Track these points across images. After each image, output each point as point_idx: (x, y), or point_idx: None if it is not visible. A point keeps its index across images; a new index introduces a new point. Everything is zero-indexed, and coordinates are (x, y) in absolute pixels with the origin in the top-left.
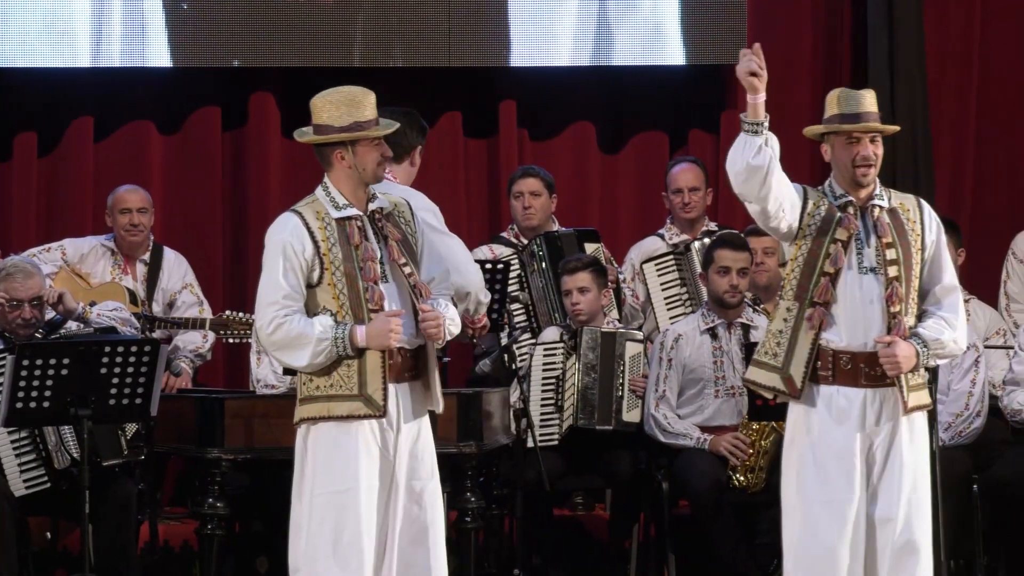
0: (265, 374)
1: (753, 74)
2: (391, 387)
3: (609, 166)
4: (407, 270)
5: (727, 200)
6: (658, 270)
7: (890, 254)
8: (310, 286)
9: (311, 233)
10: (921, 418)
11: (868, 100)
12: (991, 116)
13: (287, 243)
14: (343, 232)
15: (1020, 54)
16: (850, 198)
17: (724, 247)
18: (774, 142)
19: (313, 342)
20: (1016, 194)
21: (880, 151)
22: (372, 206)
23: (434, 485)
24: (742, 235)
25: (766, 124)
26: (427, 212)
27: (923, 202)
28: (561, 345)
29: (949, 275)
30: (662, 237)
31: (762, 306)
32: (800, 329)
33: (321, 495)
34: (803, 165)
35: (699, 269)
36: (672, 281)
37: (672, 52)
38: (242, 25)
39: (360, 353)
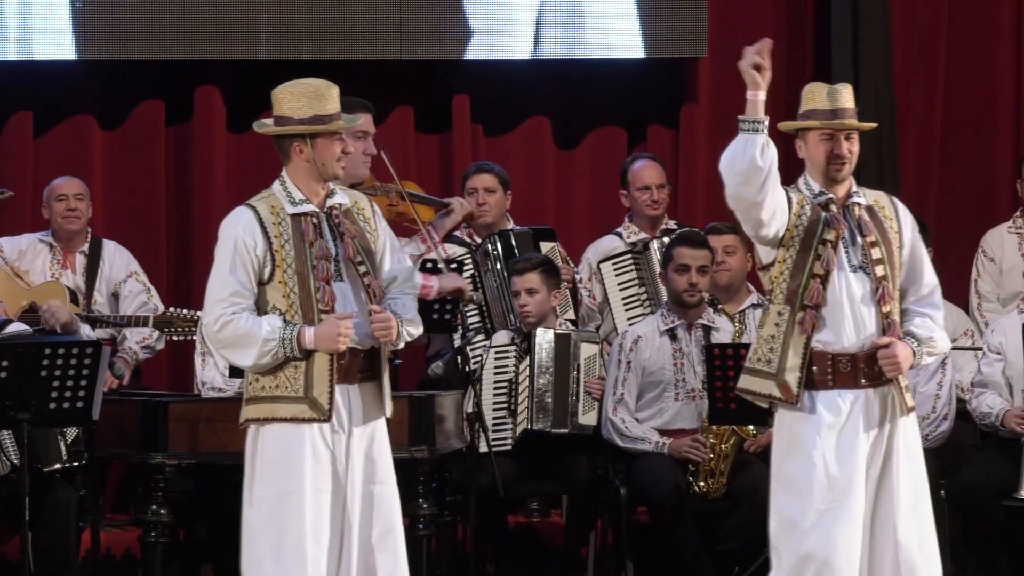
0: (212, 376)
1: (757, 68)
2: (343, 388)
3: (565, 162)
4: (362, 269)
5: (686, 198)
6: (616, 270)
7: (875, 253)
8: (261, 283)
9: (264, 228)
10: (913, 420)
11: (846, 96)
12: (958, 113)
13: (239, 238)
14: (297, 228)
15: (987, 50)
16: (830, 195)
17: (683, 245)
18: (772, 145)
19: (259, 342)
20: (983, 192)
21: (856, 148)
22: (330, 202)
23: (392, 489)
24: (702, 233)
25: (766, 123)
26: None
27: (895, 199)
28: (513, 348)
29: (929, 272)
30: (620, 236)
31: (721, 306)
32: (792, 334)
33: (266, 498)
34: None
35: (658, 268)
36: (630, 281)
37: (630, 45)
38: (187, 18)
39: (308, 355)
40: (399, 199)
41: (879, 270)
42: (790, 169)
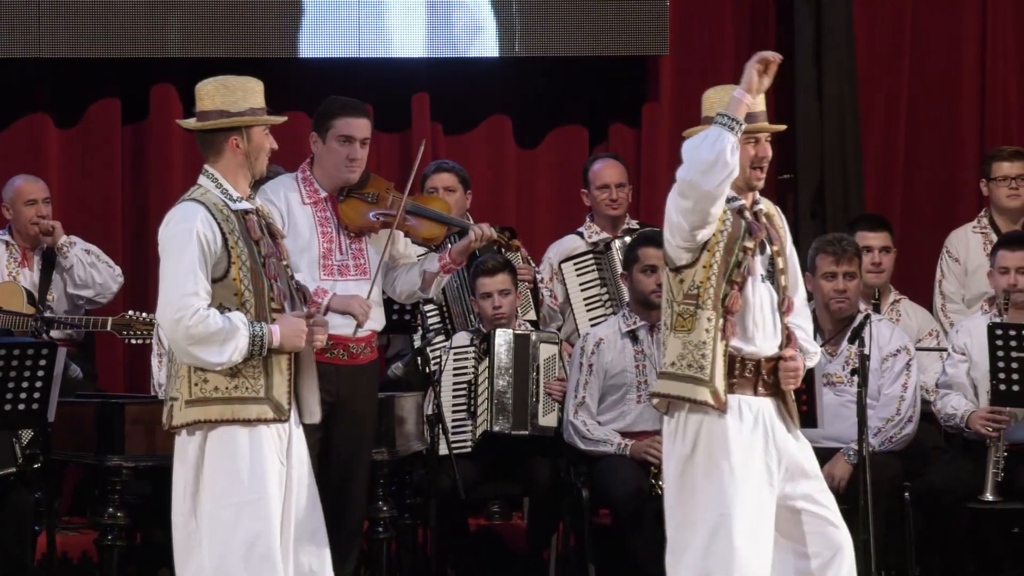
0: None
1: (764, 70)
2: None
3: (526, 161)
4: (290, 270)
5: (648, 197)
6: (577, 270)
7: (780, 263)
8: (213, 280)
9: (219, 224)
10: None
11: (760, 99)
12: (922, 112)
13: (200, 232)
14: (243, 225)
15: (952, 48)
16: (743, 201)
17: (649, 245)
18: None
19: (239, 339)
20: (948, 190)
21: (771, 153)
22: (252, 203)
23: (313, 489)
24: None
25: (743, 127)
26: None
27: (777, 207)
28: (472, 349)
29: (802, 285)
30: (581, 235)
31: None
32: (718, 340)
33: (229, 506)
34: None
35: (620, 269)
36: (592, 281)
37: (592, 43)
38: (143, 14)
39: (268, 354)
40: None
41: (783, 279)
42: None
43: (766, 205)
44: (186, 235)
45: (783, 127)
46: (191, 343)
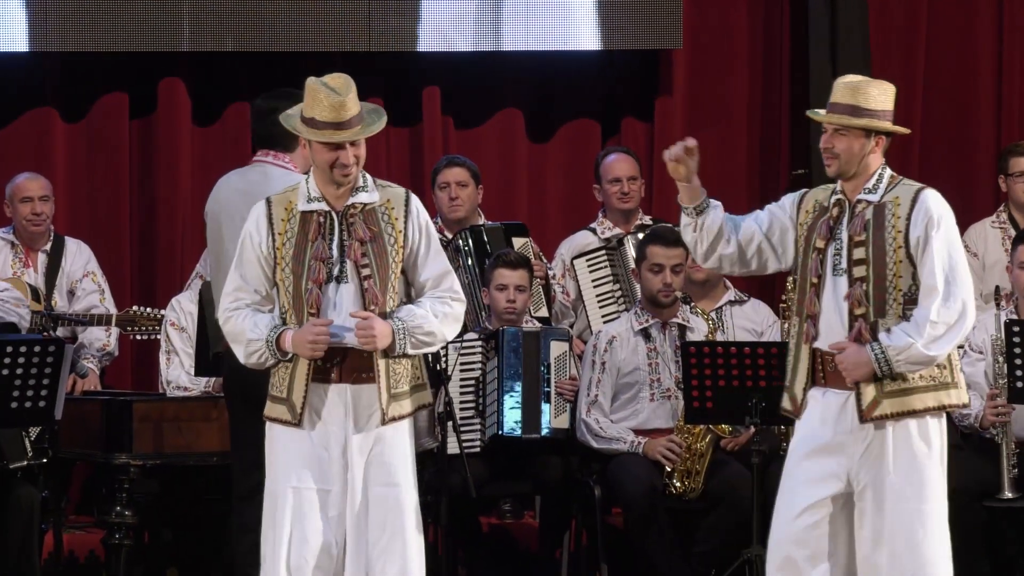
0: (176, 375)
1: (677, 160)
2: (340, 388)
3: (538, 156)
4: (365, 272)
5: (662, 192)
6: (589, 266)
7: (857, 254)
8: (274, 283)
9: (271, 224)
10: (914, 424)
11: (836, 90)
12: (937, 106)
13: (248, 233)
14: (304, 226)
15: (967, 41)
16: (839, 195)
17: (656, 243)
18: (713, 211)
19: (245, 342)
20: (965, 187)
21: (843, 144)
22: (352, 199)
23: (403, 492)
24: (676, 229)
25: (698, 207)
26: None
27: (923, 195)
28: (480, 344)
29: (930, 275)
30: (594, 231)
31: (694, 305)
32: (800, 344)
33: (264, 496)
34: (739, 151)
35: (632, 265)
36: (604, 278)
37: (605, 37)
38: (151, 7)
39: (294, 356)
40: None
41: (857, 271)
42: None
43: (896, 194)
44: (243, 235)
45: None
46: (229, 340)
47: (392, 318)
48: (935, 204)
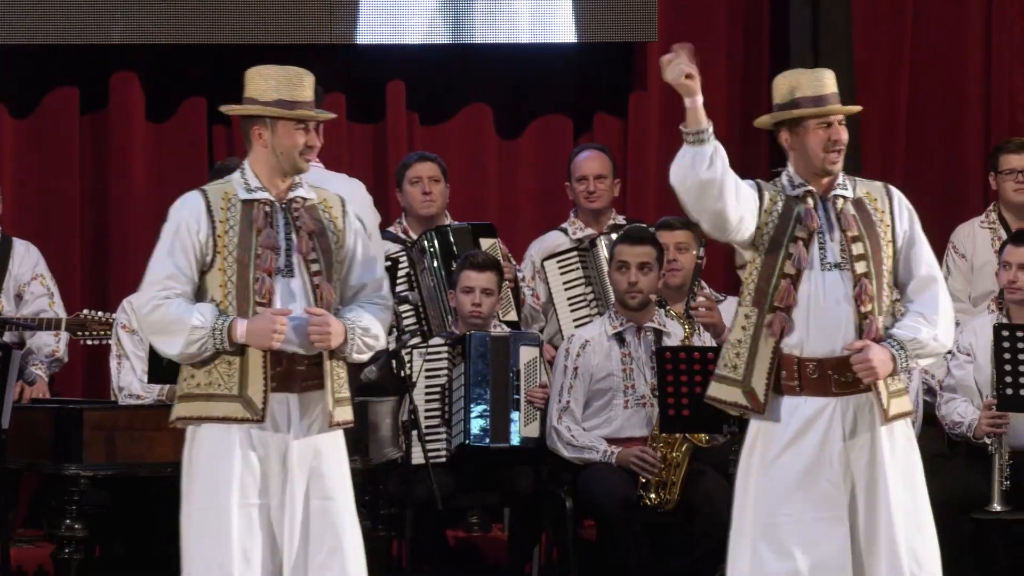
0: (129, 382)
1: (688, 76)
2: (282, 397)
3: (507, 153)
4: (314, 268)
5: (636, 191)
6: (560, 268)
7: (856, 248)
8: (202, 272)
9: (211, 213)
10: (904, 426)
11: (832, 81)
12: (924, 101)
13: (183, 221)
14: (247, 215)
15: (955, 33)
16: (810, 188)
17: (623, 242)
18: (721, 149)
19: (188, 329)
20: (953, 184)
21: (847, 135)
22: (292, 194)
23: (342, 505)
24: (649, 228)
25: (710, 130)
26: (364, 203)
27: (892, 189)
28: (446, 350)
29: (926, 267)
30: (565, 232)
31: (669, 308)
32: (760, 337)
33: (197, 511)
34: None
35: (605, 267)
36: (576, 280)
37: (577, 29)
38: None
39: (241, 350)
40: None
41: (860, 267)
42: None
43: (867, 188)
44: (171, 224)
45: (858, 108)
46: (151, 331)
47: (341, 318)
48: (905, 198)
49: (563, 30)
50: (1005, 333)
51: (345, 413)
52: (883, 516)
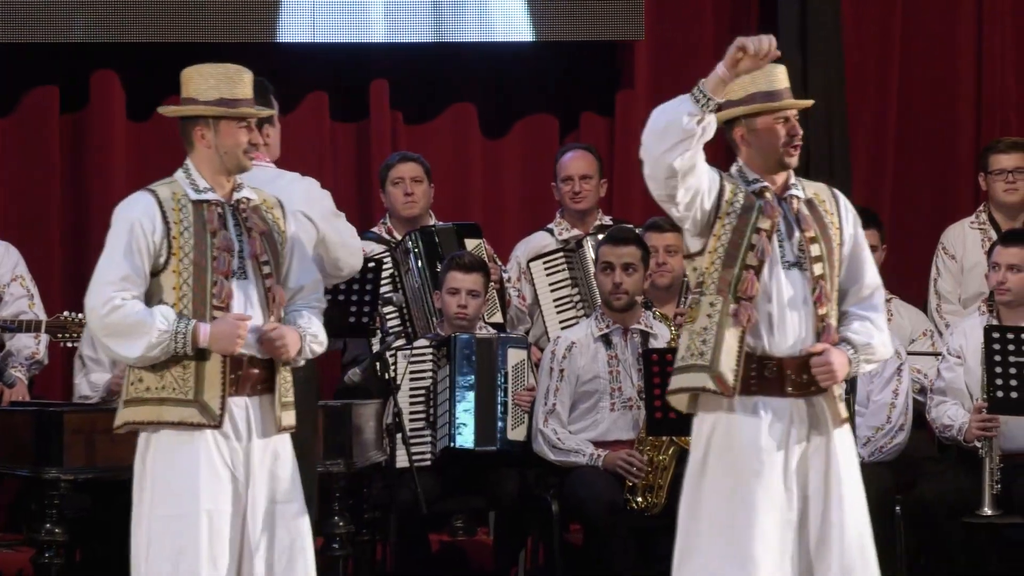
0: (78, 382)
1: (744, 52)
2: (240, 400)
3: (493, 152)
4: (266, 270)
5: (623, 191)
6: (546, 269)
7: (814, 250)
8: (153, 273)
9: (164, 213)
10: (848, 431)
11: (784, 75)
12: (914, 99)
13: (136, 221)
14: (200, 217)
15: (946, 28)
16: (765, 184)
17: (607, 243)
18: (712, 128)
19: (152, 332)
20: (942, 184)
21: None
22: (237, 195)
23: (297, 507)
24: (634, 228)
25: (715, 103)
26: (318, 200)
27: (836, 191)
28: (431, 352)
29: (871, 271)
30: (551, 232)
31: (656, 309)
32: (726, 326)
33: (159, 519)
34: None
35: (592, 268)
36: (562, 281)
37: (563, 27)
38: None
39: (198, 354)
40: None
41: (817, 268)
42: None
43: (815, 190)
44: (122, 225)
45: (809, 103)
46: (106, 334)
47: (294, 325)
48: (848, 201)
49: (549, 28)
50: (996, 335)
51: (290, 417)
52: (835, 518)
